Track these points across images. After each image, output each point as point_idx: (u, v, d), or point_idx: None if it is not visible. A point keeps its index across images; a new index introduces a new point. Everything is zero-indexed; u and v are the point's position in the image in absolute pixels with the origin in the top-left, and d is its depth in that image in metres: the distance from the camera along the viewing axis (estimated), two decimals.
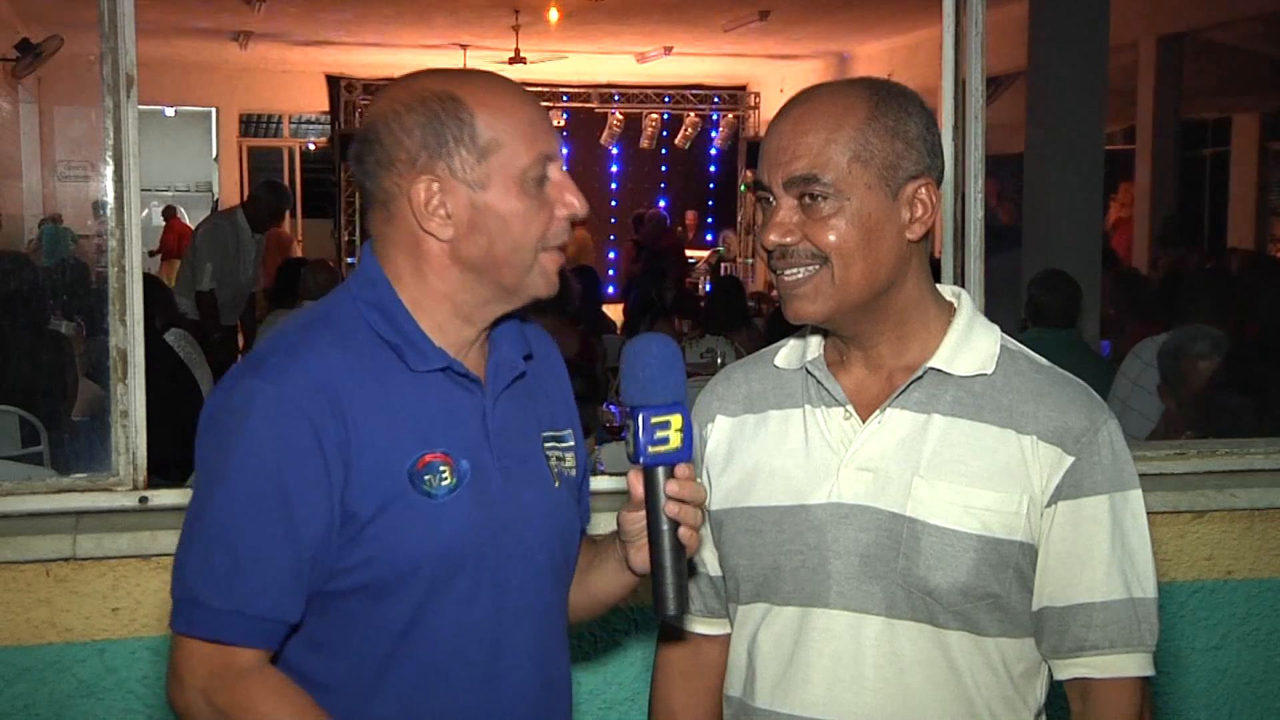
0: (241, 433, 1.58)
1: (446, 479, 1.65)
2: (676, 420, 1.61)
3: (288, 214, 11.96)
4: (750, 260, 14.64)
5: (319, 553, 1.60)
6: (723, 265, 14.38)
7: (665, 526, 1.62)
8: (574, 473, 1.84)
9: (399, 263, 1.69)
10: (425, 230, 1.65)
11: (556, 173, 1.69)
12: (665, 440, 1.61)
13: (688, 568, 1.67)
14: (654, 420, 1.60)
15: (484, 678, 1.69)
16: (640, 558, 1.71)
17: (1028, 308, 5.29)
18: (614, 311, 10.20)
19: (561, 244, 1.71)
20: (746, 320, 7.09)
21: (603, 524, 2.03)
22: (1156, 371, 4.49)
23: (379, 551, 1.62)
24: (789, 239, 1.70)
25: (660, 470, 1.62)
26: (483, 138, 1.64)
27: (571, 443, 1.85)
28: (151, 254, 14.39)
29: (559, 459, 1.81)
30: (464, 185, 1.64)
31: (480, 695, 1.68)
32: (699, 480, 1.71)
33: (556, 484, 1.79)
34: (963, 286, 3.06)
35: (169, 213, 15.70)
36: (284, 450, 1.58)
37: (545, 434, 1.81)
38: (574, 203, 1.69)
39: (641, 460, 1.62)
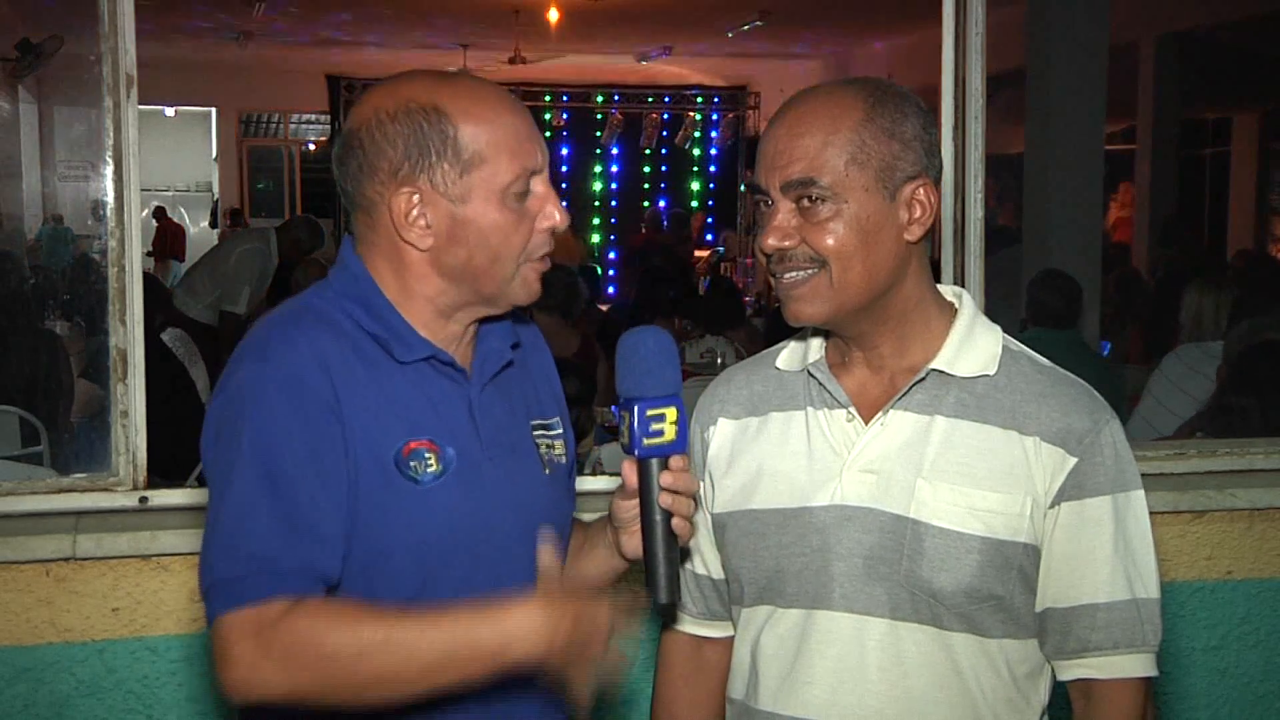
0: (253, 412, 1.57)
1: (432, 466, 1.65)
2: (671, 413, 1.63)
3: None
4: (751, 260, 14.63)
5: (347, 509, 1.59)
6: (723, 265, 14.36)
7: (659, 516, 1.65)
8: (564, 460, 1.85)
9: (380, 266, 1.70)
10: (405, 240, 1.67)
11: (540, 185, 1.70)
12: (660, 433, 1.63)
13: (679, 555, 1.69)
14: (650, 413, 1.62)
15: None
16: (632, 544, 1.73)
17: (1028, 308, 5.28)
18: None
19: (544, 255, 1.72)
20: (745, 320, 7.08)
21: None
22: (1201, 375, 4.53)
23: (366, 536, 1.62)
24: (787, 243, 1.69)
25: (654, 461, 1.64)
26: (466, 152, 1.64)
27: (560, 430, 1.86)
28: (148, 254, 14.37)
29: (548, 447, 1.82)
30: (445, 198, 1.65)
31: (490, 681, 1.68)
32: (695, 475, 1.72)
33: (547, 471, 1.80)
34: (963, 286, 3.06)
35: (160, 213, 15.67)
36: (300, 415, 1.57)
37: (534, 422, 1.82)
38: (554, 215, 1.71)
39: (637, 452, 1.64)
